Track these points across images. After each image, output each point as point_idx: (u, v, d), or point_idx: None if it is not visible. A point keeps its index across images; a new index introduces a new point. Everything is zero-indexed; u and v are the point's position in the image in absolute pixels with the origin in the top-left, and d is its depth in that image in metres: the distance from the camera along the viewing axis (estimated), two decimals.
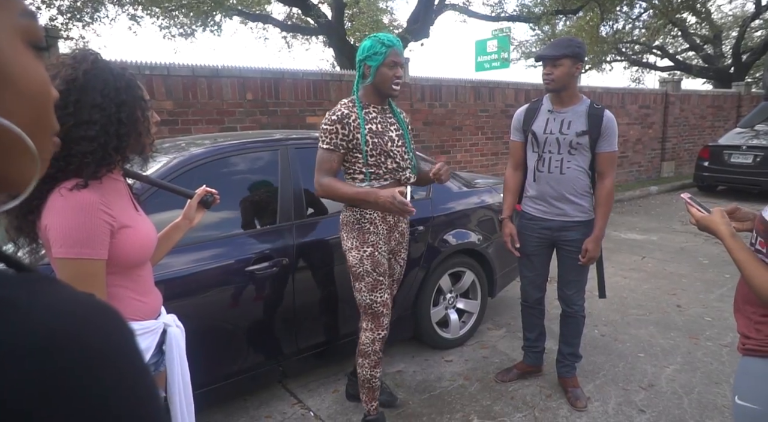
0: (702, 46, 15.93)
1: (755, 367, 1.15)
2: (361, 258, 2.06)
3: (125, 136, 1.07)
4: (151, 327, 1.20)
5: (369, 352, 2.13)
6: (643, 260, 4.99)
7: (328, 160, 2.00)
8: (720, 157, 8.38)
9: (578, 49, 2.19)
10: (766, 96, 1.13)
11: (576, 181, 2.29)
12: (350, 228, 2.09)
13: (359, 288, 2.08)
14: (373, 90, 2.05)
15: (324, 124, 2.00)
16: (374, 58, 1.97)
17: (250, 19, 10.39)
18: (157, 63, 4.44)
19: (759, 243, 1.17)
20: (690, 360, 2.93)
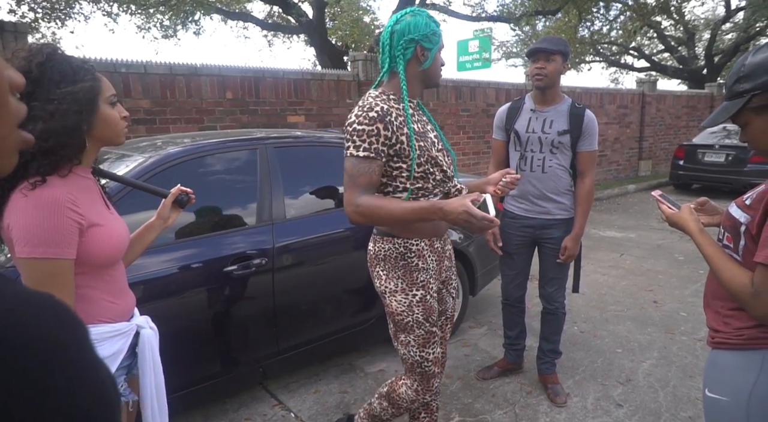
0: (676, 47, 16.30)
1: (724, 360, 1.18)
2: (410, 305, 1.60)
3: (81, 130, 1.05)
4: (123, 329, 1.18)
5: (401, 406, 1.73)
6: (621, 257, 5.08)
7: (367, 172, 1.46)
8: (694, 156, 8.58)
9: (568, 49, 2.23)
10: (726, 96, 1.16)
11: (557, 180, 2.31)
12: (392, 265, 1.61)
13: (406, 342, 1.64)
14: (420, 78, 1.61)
15: (357, 123, 1.47)
16: (432, 40, 1.55)
17: (230, 18, 10.28)
18: (133, 61, 4.36)
19: (726, 239, 1.20)
20: (666, 354, 2.99)
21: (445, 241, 1.75)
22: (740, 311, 1.14)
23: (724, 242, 1.21)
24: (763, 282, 1.04)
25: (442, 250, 1.72)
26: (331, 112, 5.77)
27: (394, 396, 1.74)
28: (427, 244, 1.64)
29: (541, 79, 2.20)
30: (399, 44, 1.55)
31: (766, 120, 1.09)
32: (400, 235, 1.61)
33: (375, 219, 1.49)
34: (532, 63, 2.23)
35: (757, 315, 1.08)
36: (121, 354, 1.17)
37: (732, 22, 15.59)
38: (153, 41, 9.99)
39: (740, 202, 1.16)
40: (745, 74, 1.10)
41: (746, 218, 1.11)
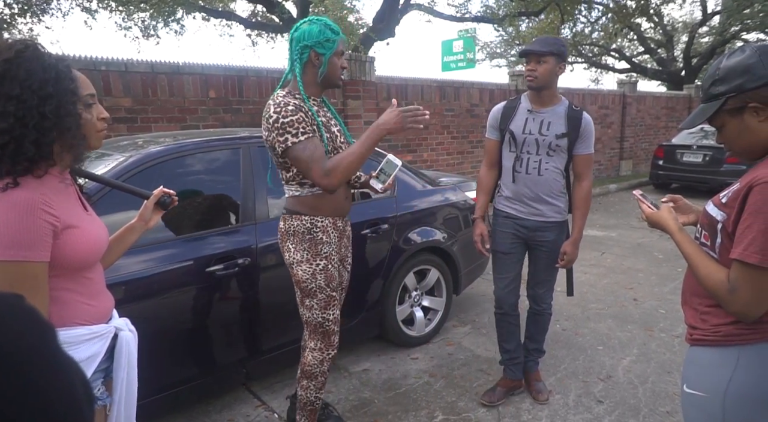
0: (656, 49, 16.61)
1: (702, 356, 1.20)
2: (314, 273, 1.85)
3: (48, 130, 1.01)
4: (101, 331, 1.16)
5: (317, 374, 1.94)
6: (603, 256, 5.16)
7: (318, 146, 1.71)
8: (673, 156, 8.76)
9: (563, 48, 2.15)
10: (703, 99, 1.18)
11: (553, 183, 2.26)
12: (299, 238, 1.85)
13: (310, 306, 1.88)
14: (316, 80, 1.82)
15: (282, 117, 1.68)
16: (326, 46, 1.76)
17: (213, 16, 10.17)
18: (113, 58, 4.29)
19: (703, 237, 1.22)
20: (645, 351, 3.04)
21: (346, 223, 2.02)
22: (717, 308, 1.16)
23: (701, 240, 1.23)
24: (738, 279, 1.06)
25: (343, 229, 1.98)
26: None
27: (306, 369, 1.96)
28: (331, 222, 1.89)
29: (532, 80, 2.16)
30: (296, 50, 1.78)
31: (740, 122, 1.11)
32: (307, 213, 1.85)
33: (346, 169, 1.70)
34: (525, 64, 2.20)
35: (733, 312, 1.10)
36: (98, 357, 1.15)
37: (708, 25, 15.94)
38: (134, 40, 9.74)
39: (717, 201, 1.18)
40: (720, 77, 1.12)
41: (722, 216, 1.13)
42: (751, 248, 1.03)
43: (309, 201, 1.85)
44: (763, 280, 1.04)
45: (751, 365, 1.11)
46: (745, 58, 1.08)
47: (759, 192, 1.03)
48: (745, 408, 1.12)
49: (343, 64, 1.84)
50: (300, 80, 1.79)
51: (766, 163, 1.09)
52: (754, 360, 1.11)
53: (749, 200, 1.05)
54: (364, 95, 6.07)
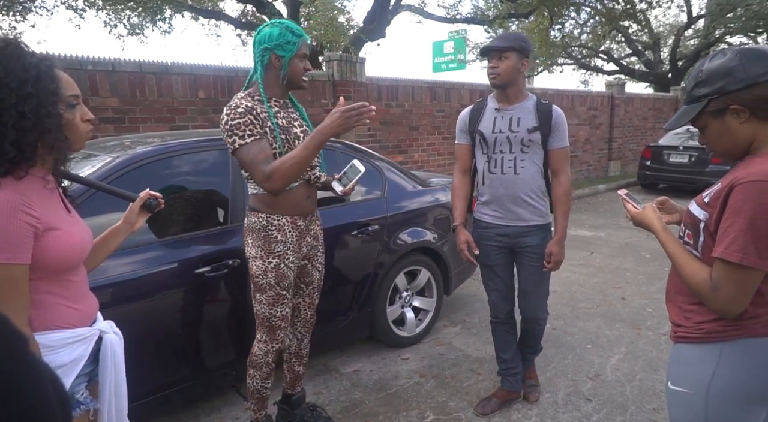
0: (643, 51, 16.80)
1: (685, 353, 1.22)
2: (266, 270, 1.88)
3: (27, 130, 0.99)
4: (84, 334, 1.14)
5: (261, 364, 2.00)
6: (592, 255, 5.20)
7: (261, 150, 1.73)
8: (660, 156, 8.86)
9: (524, 43, 2.09)
10: (686, 100, 1.20)
11: (532, 182, 2.17)
12: (256, 235, 1.88)
13: (260, 300, 1.93)
14: (278, 82, 1.85)
15: (231, 119, 1.71)
16: (286, 48, 1.78)
17: (201, 15, 10.09)
18: (100, 58, 4.24)
19: (687, 236, 1.24)
20: (632, 349, 3.07)
21: (310, 221, 2.01)
22: (700, 305, 1.18)
23: (685, 239, 1.24)
24: (720, 277, 1.08)
25: (305, 228, 1.98)
26: (306, 112, 5.72)
27: (251, 359, 2.02)
28: (289, 221, 1.91)
29: (495, 77, 2.10)
30: (257, 52, 1.80)
31: (722, 123, 1.13)
32: (264, 211, 1.88)
33: (287, 172, 1.70)
34: (488, 62, 2.14)
35: (715, 309, 1.12)
36: (81, 360, 1.13)
37: (693, 28, 16.17)
38: (119, 38, 9.60)
39: (699, 200, 1.19)
40: (703, 79, 1.13)
41: (705, 215, 1.14)
42: (733, 247, 1.04)
43: (266, 199, 1.87)
44: (743, 278, 1.06)
45: (733, 360, 1.13)
46: (726, 61, 1.10)
47: (740, 191, 1.04)
48: (727, 403, 1.14)
49: (306, 66, 1.86)
50: (261, 82, 1.82)
51: (746, 164, 1.11)
52: (736, 356, 1.13)
53: (730, 200, 1.06)
54: (354, 96, 6.06)
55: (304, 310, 2.16)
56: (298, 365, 2.25)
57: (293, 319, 2.17)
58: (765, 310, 1.11)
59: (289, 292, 1.97)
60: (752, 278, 1.06)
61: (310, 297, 2.15)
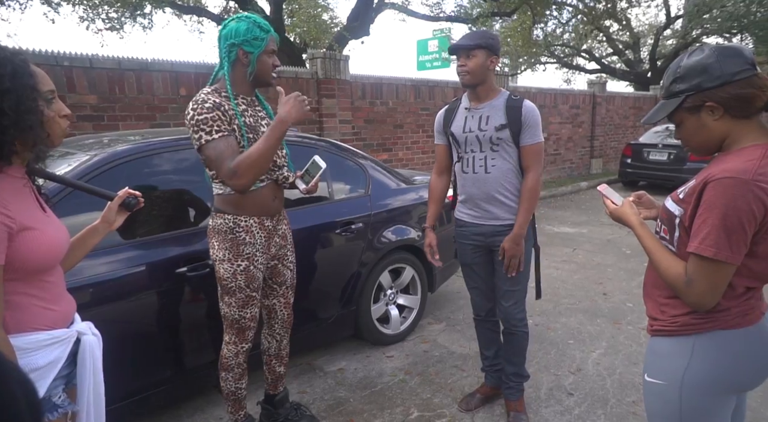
0: (624, 51, 17.05)
1: (661, 346, 1.25)
2: (234, 273, 1.85)
3: (6, 128, 0.97)
4: (62, 336, 1.12)
5: (233, 366, 1.98)
6: (574, 252, 5.27)
7: (228, 146, 1.67)
8: (640, 154, 9.01)
9: (492, 40, 2.05)
10: (663, 95, 1.22)
11: (504, 180, 2.13)
12: (223, 237, 1.84)
13: (228, 303, 1.89)
14: (245, 79, 1.81)
15: (198, 114, 1.66)
16: (254, 44, 1.74)
17: (183, 12, 9.95)
18: (78, 54, 4.15)
19: (663, 231, 1.26)
20: (613, 343, 3.13)
21: (278, 221, 1.99)
22: (675, 299, 1.21)
23: (661, 234, 1.27)
24: (694, 271, 1.11)
25: (273, 229, 1.95)
26: None
27: (222, 361, 1.99)
28: (257, 222, 1.88)
29: (465, 76, 2.06)
30: (223, 48, 1.75)
31: (697, 120, 1.15)
32: (230, 212, 1.84)
33: (252, 167, 1.65)
34: (456, 60, 2.09)
35: (690, 302, 1.14)
36: (59, 362, 1.11)
37: (672, 29, 16.47)
38: (98, 33, 9.38)
39: (675, 196, 1.22)
40: (681, 75, 1.15)
41: (680, 211, 1.17)
42: (706, 242, 1.07)
43: (232, 199, 1.83)
44: (716, 272, 1.08)
45: (705, 352, 1.16)
46: (704, 58, 1.12)
47: (713, 187, 1.06)
48: (700, 393, 1.17)
49: (275, 63, 1.82)
50: (228, 79, 1.78)
51: (719, 161, 1.13)
52: (708, 348, 1.16)
53: (704, 196, 1.08)
54: (338, 94, 6.05)
55: (280, 311, 2.14)
56: (278, 366, 2.23)
57: (271, 321, 2.15)
58: (736, 303, 1.14)
59: (258, 293, 1.95)
60: (725, 272, 1.08)
61: (285, 297, 2.12)
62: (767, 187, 1.03)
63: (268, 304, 2.12)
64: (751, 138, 1.12)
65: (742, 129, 1.12)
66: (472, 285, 2.39)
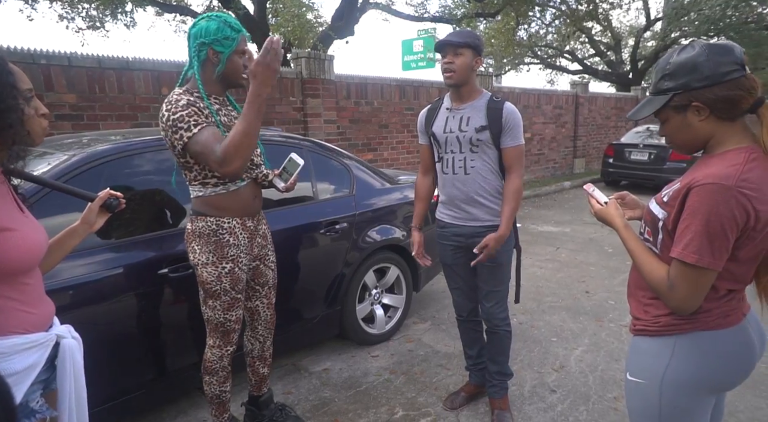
0: (606, 52, 17.31)
1: (642, 346, 1.26)
2: (219, 276, 1.82)
3: None
4: (40, 340, 1.09)
5: (217, 369, 1.95)
6: (557, 251, 5.34)
7: (212, 134, 1.62)
8: (622, 154, 9.16)
9: (478, 41, 2.05)
10: (651, 91, 1.21)
11: (483, 182, 2.12)
12: (205, 240, 1.81)
13: (213, 307, 1.87)
14: (216, 79, 1.77)
15: (173, 113, 1.62)
16: (224, 44, 1.70)
17: (165, 10, 9.82)
18: (55, 52, 4.08)
19: (647, 233, 1.26)
20: (595, 340, 3.17)
21: (258, 221, 1.98)
22: (658, 300, 1.22)
23: (645, 236, 1.26)
24: (677, 276, 1.11)
25: (254, 229, 1.94)
26: (274, 110, 5.66)
27: (206, 365, 1.97)
28: (239, 223, 1.86)
29: (450, 74, 2.03)
30: (193, 47, 1.71)
31: (683, 119, 1.15)
32: (212, 214, 1.81)
33: (237, 149, 1.55)
34: (441, 58, 2.07)
35: (672, 307, 1.15)
36: (37, 367, 1.08)
37: (652, 31, 16.77)
38: (78, 33, 9.19)
39: (659, 199, 1.21)
40: (670, 72, 1.14)
41: (664, 214, 1.16)
42: (689, 248, 1.07)
43: (213, 201, 1.80)
44: (698, 278, 1.09)
45: (686, 353, 1.18)
46: (694, 56, 1.10)
47: (696, 193, 1.06)
48: (679, 393, 1.19)
49: (245, 63, 1.77)
50: (199, 78, 1.74)
51: (703, 164, 1.13)
52: (689, 348, 1.18)
53: (687, 201, 1.08)
54: (323, 94, 6.03)
55: (263, 311, 2.13)
56: (262, 367, 2.22)
57: (254, 323, 2.14)
58: (717, 304, 1.16)
59: (242, 295, 1.94)
60: (707, 278, 1.09)
61: (267, 297, 2.12)
62: (750, 193, 1.02)
63: (251, 306, 2.10)
64: (735, 140, 1.11)
65: (727, 131, 1.12)
66: (454, 286, 2.40)
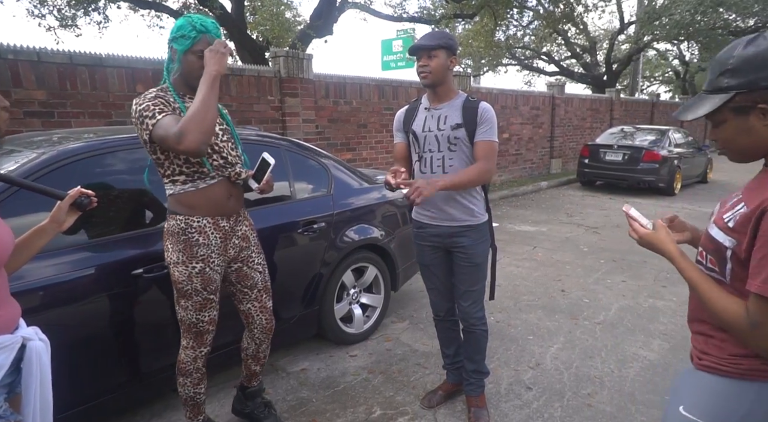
0: (581, 54, 17.66)
1: (712, 385, 1.09)
2: (190, 276, 1.81)
3: None
4: (5, 342, 1.06)
5: (191, 371, 1.94)
6: (534, 250, 5.42)
7: (173, 120, 1.62)
8: (597, 155, 9.35)
9: (452, 41, 2.08)
10: (707, 87, 1.05)
11: None
12: (176, 239, 1.80)
13: (185, 307, 1.86)
14: (181, 78, 1.79)
15: (140, 105, 1.65)
16: (181, 42, 1.69)
17: (140, 7, 9.62)
18: (24, 46, 3.96)
19: (709, 262, 1.10)
20: (570, 338, 3.24)
21: (236, 222, 1.94)
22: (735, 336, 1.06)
23: (707, 265, 1.11)
24: (759, 313, 0.95)
25: (230, 229, 1.91)
26: (252, 109, 5.61)
27: (180, 366, 1.96)
28: (211, 222, 1.83)
29: (426, 75, 2.06)
30: (168, 43, 1.75)
31: (744, 122, 0.99)
32: (182, 213, 1.79)
33: (193, 121, 1.57)
34: (416, 61, 2.10)
35: (756, 347, 1.00)
36: (1, 369, 1.06)
37: (625, 34, 17.18)
38: (50, 31, 8.89)
39: (720, 223, 1.06)
40: (733, 67, 0.98)
41: (732, 242, 1.01)
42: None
43: (183, 199, 1.80)
44: None
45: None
46: (764, 50, 0.95)
47: None
48: None
49: (202, 64, 1.68)
50: (166, 75, 1.78)
51: None
52: None
53: (762, 226, 0.94)
54: (302, 93, 6.00)
55: (257, 316, 2.10)
56: (254, 365, 2.24)
57: (250, 326, 2.13)
58: None
59: (216, 295, 1.91)
60: None
61: (259, 301, 2.08)
62: None
63: (244, 310, 2.09)
64: None
65: None
66: (431, 286, 2.41)
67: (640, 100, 15.29)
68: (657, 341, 3.19)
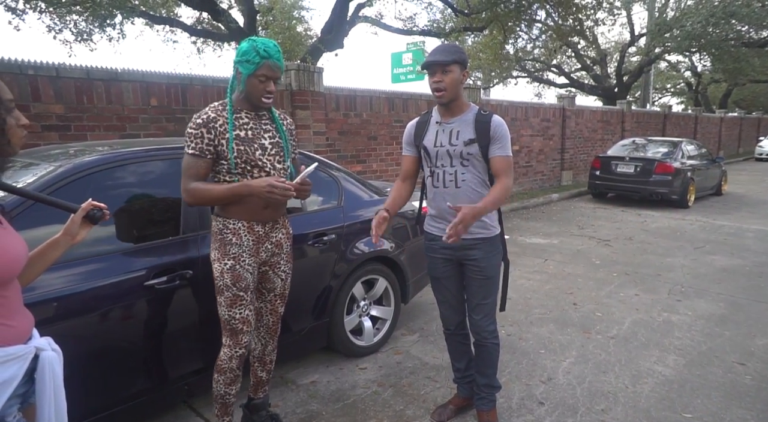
0: (592, 66, 17.65)
1: None
2: (222, 272, 1.95)
3: None
4: (18, 353, 1.07)
5: (225, 369, 2.02)
6: (545, 262, 5.37)
7: (194, 166, 1.88)
8: (609, 167, 9.28)
9: (464, 55, 2.07)
10: None
11: (474, 195, 2.13)
12: (215, 238, 1.99)
13: (220, 302, 1.98)
14: (244, 97, 1.94)
15: (189, 127, 1.88)
16: (246, 66, 1.85)
17: (155, 22, 9.83)
18: (43, 62, 4.06)
19: None
20: (583, 352, 3.19)
21: (271, 228, 2.05)
22: None
23: None
24: None
25: (264, 235, 2.03)
26: None
27: (217, 363, 2.05)
28: (246, 226, 1.98)
29: (442, 93, 2.05)
30: (234, 64, 1.92)
31: None
32: (221, 215, 1.99)
33: (200, 198, 1.88)
34: (429, 76, 2.07)
35: None
36: (14, 381, 1.06)
37: (636, 46, 17.15)
38: (65, 44, 9.09)
39: None
40: None
41: None
42: None
43: (223, 204, 1.98)
44: None
45: None
46: None
47: None
48: None
49: (267, 88, 1.90)
50: (229, 93, 1.96)
51: None
52: None
53: None
54: (312, 105, 6.05)
55: (266, 316, 2.19)
56: (261, 370, 2.25)
57: (257, 323, 2.20)
58: None
59: (248, 294, 2.00)
60: None
61: (272, 304, 2.17)
62: None
63: (257, 306, 2.17)
64: None
65: None
66: (442, 299, 2.39)
67: (651, 112, 15.19)
68: (672, 356, 3.13)
